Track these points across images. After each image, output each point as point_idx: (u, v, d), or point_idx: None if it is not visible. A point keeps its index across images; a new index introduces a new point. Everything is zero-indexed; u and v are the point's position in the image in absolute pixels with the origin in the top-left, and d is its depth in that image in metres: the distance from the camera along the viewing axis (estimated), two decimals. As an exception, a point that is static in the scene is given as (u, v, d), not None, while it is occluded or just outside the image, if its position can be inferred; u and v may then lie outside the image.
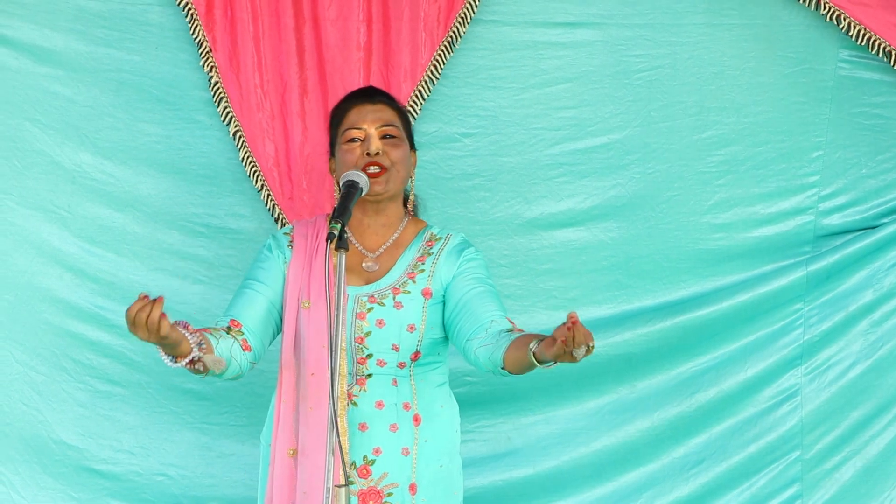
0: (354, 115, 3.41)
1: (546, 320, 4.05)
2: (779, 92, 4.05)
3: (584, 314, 4.02)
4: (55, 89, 3.99)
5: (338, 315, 3.08)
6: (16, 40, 3.97)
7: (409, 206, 3.46)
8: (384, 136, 3.38)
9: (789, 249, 4.09)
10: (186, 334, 3.12)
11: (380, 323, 3.32)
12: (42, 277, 4.01)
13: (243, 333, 3.34)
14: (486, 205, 4.05)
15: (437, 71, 3.98)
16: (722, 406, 4.08)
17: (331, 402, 3.04)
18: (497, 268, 4.03)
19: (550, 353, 2.97)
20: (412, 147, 3.47)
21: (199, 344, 3.15)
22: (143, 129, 4.01)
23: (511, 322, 3.29)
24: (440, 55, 3.98)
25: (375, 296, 3.35)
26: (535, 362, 3.06)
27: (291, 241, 3.41)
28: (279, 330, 3.41)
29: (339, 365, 3.10)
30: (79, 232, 4.02)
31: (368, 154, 3.34)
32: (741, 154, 4.07)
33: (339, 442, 3.05)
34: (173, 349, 3.11)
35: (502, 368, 3.18)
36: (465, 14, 3.97)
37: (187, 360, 3.13)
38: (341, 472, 3.07)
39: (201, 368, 3.17)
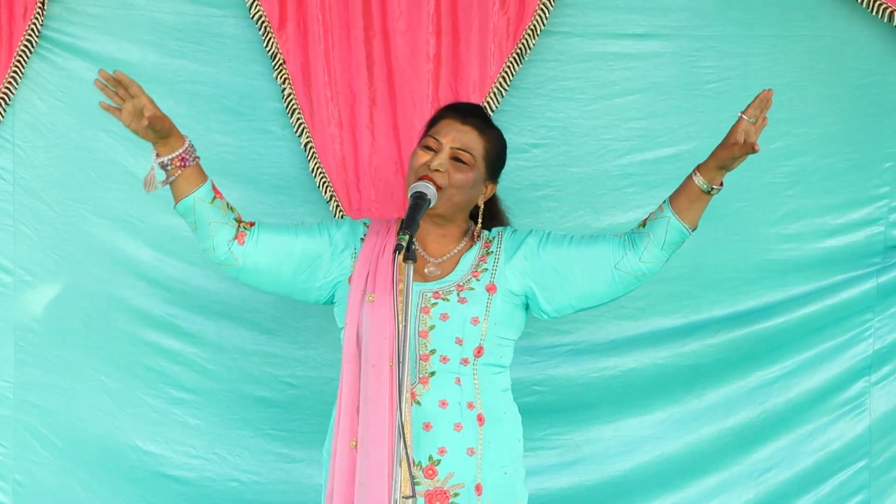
0: (442, 125, 3.45)
1: (615, 330, 4.09)
2: (849, 103, 4.05)
3: (653, 324, 4.10)
4: (130, 101, 4.05)
5: (406, 327, 3.11)
6: (93, 52, 4.03)
7: (476, 233, 3.47)
8: (455, 158, 3.40)
9: (859, 260, 4.09)
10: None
11: (444, 317, 3.35)
12: (116, 286, 4.07)
13: (247, 231, 3.40)
14: (555, 215, 4.06)
15: (506, 83, 4.00)
16: (790, 415, 4.09)
17: (398, 412, 3.08)
18: (566, 278, 4.07)
19: (728, 154, 3.28)
20: (492, 178, 3.48)
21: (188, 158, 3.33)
22: (216, 139, 4.05)
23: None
24: (509, 67, 3.99)
25: (440, 292, 3.38)
26: (704, 187, 3.33)
27: (364, 237, 3.45)
28: (291, 280, 3.43)
29: (406, 376, 3.12)
30: (152, 241, 4.07)
31: (429, 166, 3.38)
32: (810, 165, 4.07)
33: (408, 456, 3.07)
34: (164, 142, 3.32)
35: (681, 224, 3.38)
36: (534, 26, 3.98)
37: (175, 154, 3.31)
38: (409, 481, 3.11)
39: (176, 177, 3.33)
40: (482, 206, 3.48)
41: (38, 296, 4.06)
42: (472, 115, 3.48)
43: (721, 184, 3.36)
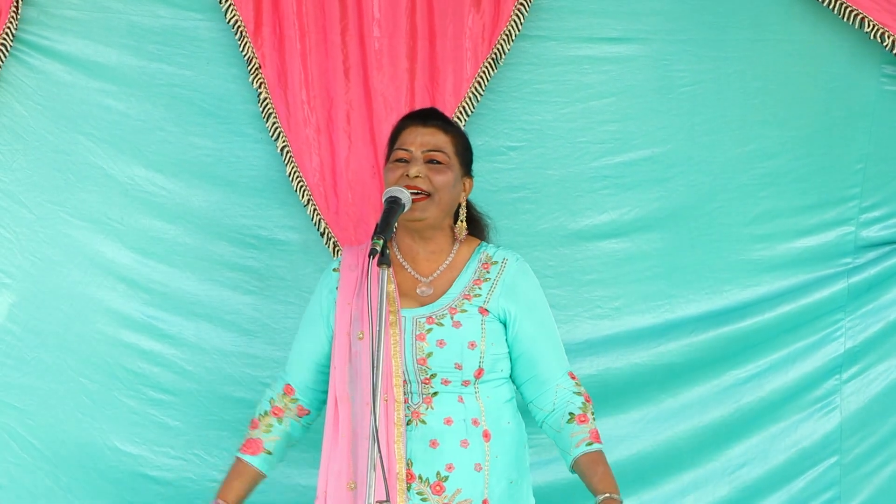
0: (406, 135, 3.46)
1: (591, 330, 4.13)
2: (821, 106, 4.09)
3: (628, 324, 4.14)
4: (108, 103, 4.05)
5: (380, 332, 3.15)
6: (70, 55, 4.03)
7: (459, 234, 3.49)
8: (429, 161, 3.42)
9: (830, 260, 4.14)
10: None
11: (440, 343, 3.37)
12: (95, 288, 4.08)
13: (297, 400, 3.50)
14: (532, 217, 4.10)
15: (482, 87, 4.01)
16: (763, 413, 4.14)
17: (373, 417, 3.11)
18: (543, 278, 4.03)
19: None
20: (467, 174, 3.51)
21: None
22: (195, 142, 4.07)
23: (573, 379, 3.47)
24: (484, 72, 4.01)
25: (433, 316, 3.39)
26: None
27: (338, 284, 3.47)
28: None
29: (380, 384, 3.15)
30: (131, 243, 4.08)
31: (408, 176, 3.39)
32: (783, 167, 4.12)
33: (381, 458, 3.10)
34: None
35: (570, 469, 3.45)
36: (509, 31, 4.00)
37: None
38: (384, 486, 3.12)
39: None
40: (465, 207, 3.49)
41: (16, 298, 4.07)
42: (432, 117, 3.51)
43: None
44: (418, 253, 3.47)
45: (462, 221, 3.49)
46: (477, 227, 3.57)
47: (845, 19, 4.00)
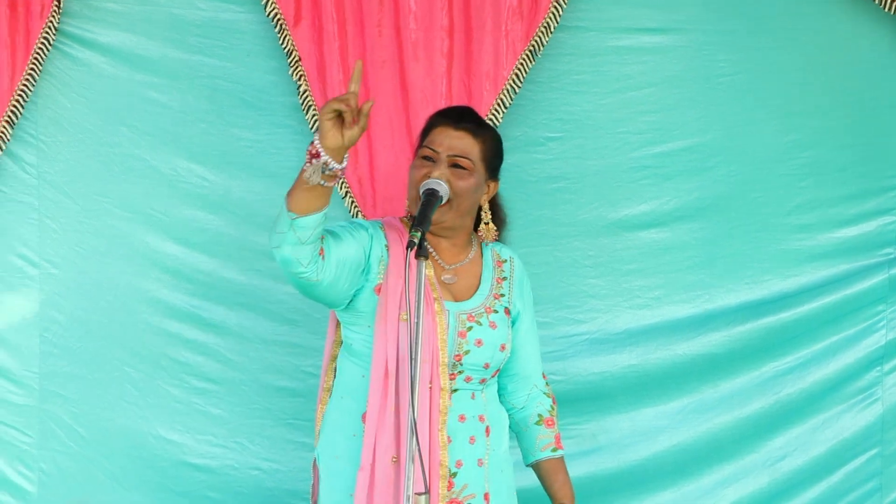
0: (435, 134, 3.44)
1: (631, 320, 4.13)
2: (861, 95, 4.08)
3: (668, 314, 4.15)
4: (151, 96, 4.08)
5: (418, 323, 3.16)
6: (112, 48, 4.07)
7: (486, 236, 3.48)
8: (453, 165, 3.40)
9: (872, 250, 4.13)
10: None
11: (479, 342, 3.40)
12: (140, 279, 4.12)
13: (322, 244, 3.26)
14: (572, 207, 4.10)
15: (519, 80, 4.01)
16: (804, 405, 4.14)
17: (411, 409, 3.13)
18: (582, 268, 4.12)
19: None
20: (492, 177, 3.49)
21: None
22: (236, 133, 4.09)
23: (544, 379, 3.59)
24: (522, 64, 4.00)
25: (473, 314, 3.42)
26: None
27: (388, 246, 3.42)
28: (347, 290, 3.35)
29: (418, 376, 3.18)
30: (175, 234, 4.11)
31: (430, 177, 3.37)
32: (824, 156, 4.10)
33: (420, 451, 3.12)
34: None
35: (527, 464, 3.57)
36: (547, 23, 3.99)
37: (342, 165, 3.12)
38: (423, 478, 3.14)
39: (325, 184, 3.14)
40: (487, 210, 3.49)
41: (62, 288, 4.12)
42: (464, 119, 3.46)
43: None
44: (439, 244, 3.47)
45: (487, 223, 3.48)
46: (497, 221, 3.54)
47: (886, 9, 3.97)
